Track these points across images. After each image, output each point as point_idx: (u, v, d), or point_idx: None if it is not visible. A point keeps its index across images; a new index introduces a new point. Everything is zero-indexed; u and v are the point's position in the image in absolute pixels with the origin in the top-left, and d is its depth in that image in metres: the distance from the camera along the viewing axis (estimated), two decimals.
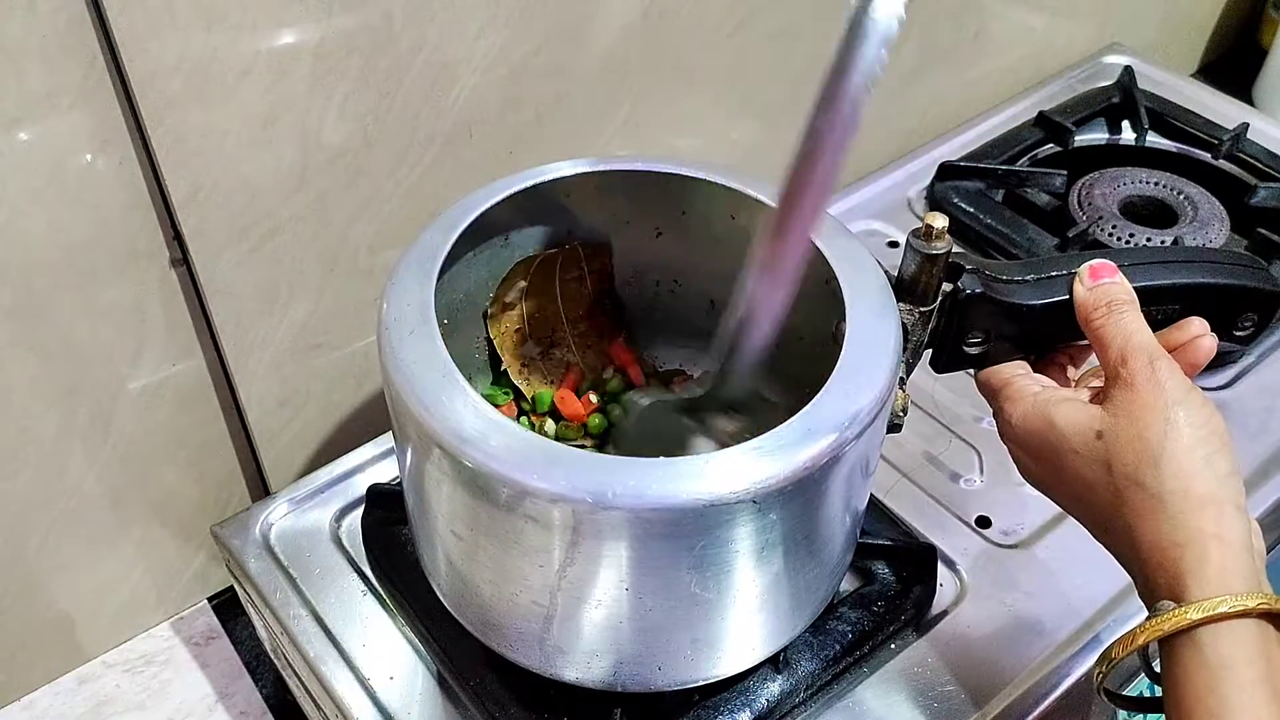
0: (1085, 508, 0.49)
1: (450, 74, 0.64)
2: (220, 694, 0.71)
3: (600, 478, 0.44)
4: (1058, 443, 0.49)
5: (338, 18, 0.58)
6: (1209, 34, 1.24)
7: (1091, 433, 0.47)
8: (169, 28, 0.53)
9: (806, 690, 0.58)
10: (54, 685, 0.71)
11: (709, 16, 0.75)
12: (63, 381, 0.61)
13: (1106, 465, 0.46)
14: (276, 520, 0.67)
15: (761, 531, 0.46)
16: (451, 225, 0.53)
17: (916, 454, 0.72)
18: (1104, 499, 0.47)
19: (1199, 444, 0.45)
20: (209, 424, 0.69)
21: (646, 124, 0.77)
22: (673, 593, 0.48)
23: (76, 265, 0.58)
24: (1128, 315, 0.49)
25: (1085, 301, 0.50)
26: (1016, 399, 0.51)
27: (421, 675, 0.60)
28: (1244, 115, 0.97)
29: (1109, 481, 0.46)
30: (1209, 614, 0.42)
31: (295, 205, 0.63)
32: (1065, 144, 0.95)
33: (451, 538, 0.51)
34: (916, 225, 0.51)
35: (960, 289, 0.52)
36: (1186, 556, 0.43)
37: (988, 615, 0.62)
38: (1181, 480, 0.44)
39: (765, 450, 0.45)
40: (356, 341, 0.71)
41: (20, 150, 0.53)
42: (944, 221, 0.50)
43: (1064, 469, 0.49)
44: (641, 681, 0.53)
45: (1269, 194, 0.89)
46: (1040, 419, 0.50)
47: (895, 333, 0.50)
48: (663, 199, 0.59)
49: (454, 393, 0.46)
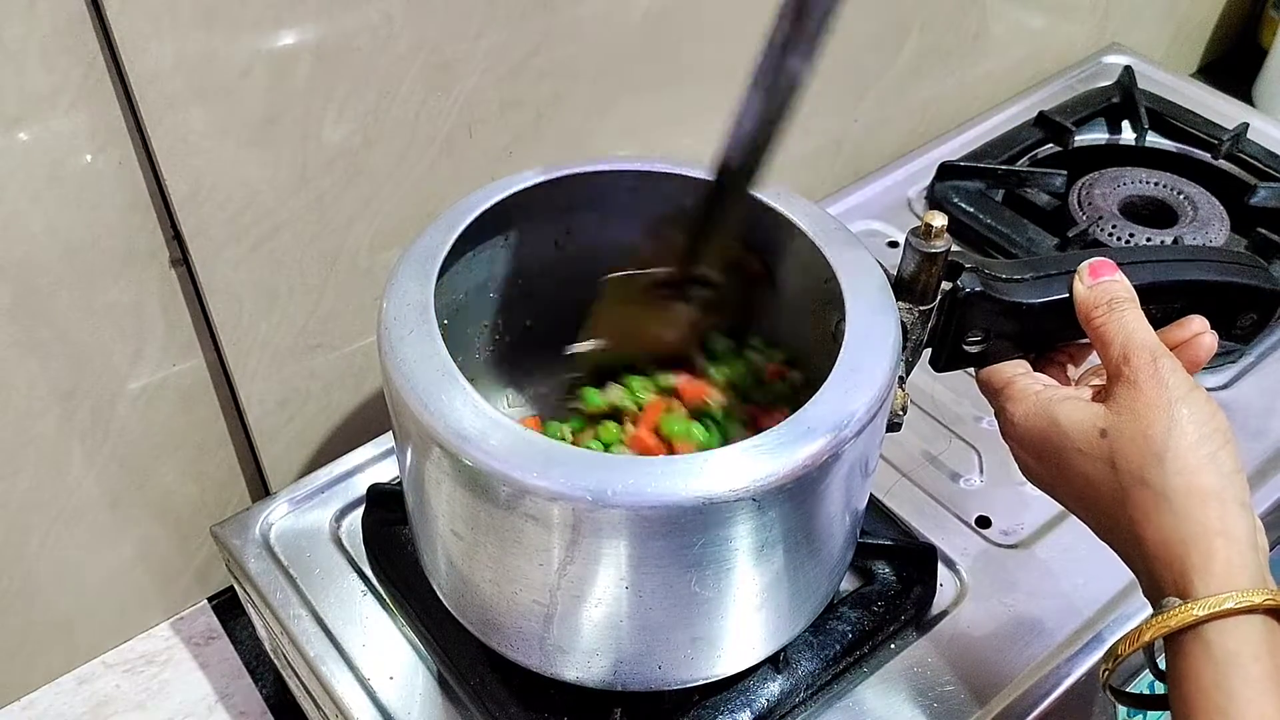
0: (1089, 506, 0.49)
1: (450, 74, 0.64)
2: (220, 694, 0.71)
3: (600, 476, 0.44)
4: (1061, 441, 0.48)
5: (338, 18, 0.58)
6: (1209, 34, 1.24)
7: (1095, 430, 0.47)
8: (169, 27, 0.53)
9: (807, 690, 0.58)
10: (54, 685, 0.71)
11: (709, 16, 0.75)
12: (62, 381, 0.61)
13: (1110, 463, 0.46)
14: (276, 520, 0.67)
15: (761, 530, 0.46)
16: (451, 225, 0.53)
17: (916, 454, 0.72)
18: (1108, 497, 0.47)
19: (1203, 441, 0.45)
20: (209, 424, 0.69)
21: (646, 124, 0.77)
22: (672, 591, 0.48)
23: (76, 265, 0.58)
24: (1128, 313, 0.49)
25: (1085, 299, 0.50)
26: (1018, 398, 0.51)
27: (421, 675, 0.60)
28: (1244, 115, 0.97)
29: (1113, 479, 0.46)
30: (1215, 610, 0.42)
31: (295, 205, 0.63)
32: (1065, 144, 0.95)
33: (451, 537, 0.51)
34: (916, 225, 0.51)
35: (959, 288, 0.52)
36: (1192, 553, 0.43)
37: (988, 615, 0.62)
38: (1186, 477, 0.44)
39: (765, 448, 0.45)
40: (356, 341, 0.71)
41: (20, 150, 0.53)
42: (943, 220, 0.50)
43: (1067, 467, 0.49)
44: (642, 681, 0.53)
45: (1269, 194, 0.89)
46: (1043, 417, 0.50)
47: (895, 331, 0.50)
48: (663, 199, 0.59)
49: (453, 392, 0.46)
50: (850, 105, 0.91)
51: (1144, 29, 1.13)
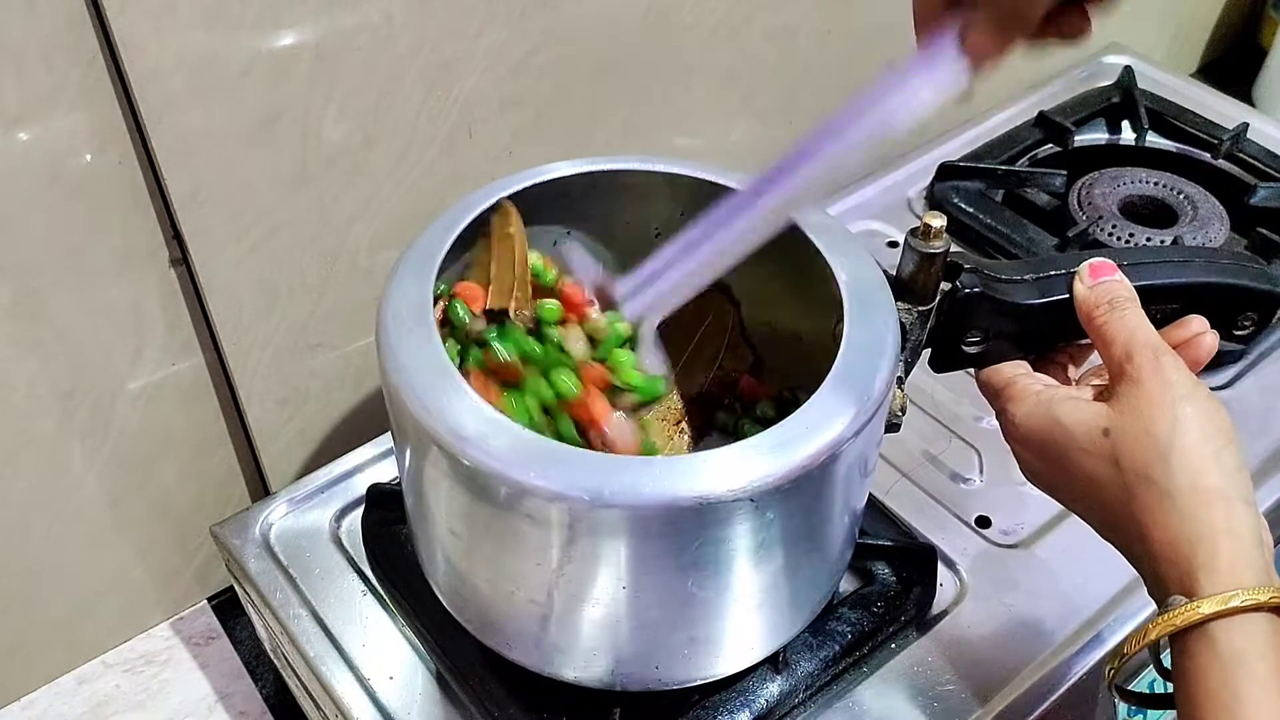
0: (1093, 506, 0.49)
1: (450, 74, 0.64)
2: (220, 694, 0.71)
3: (598, 476, 0.44)
4: (1064, 441, 0.48)
5: (338, 18, 0.58)
6: (1209, 34, 1.24)
7: (1098, 430, 0.47)
8: (169, 27, 0.53)
9: (806, 690, 0.58)
10: (54, 685, 0.71)
11: (709, 16, 0.75)
12: (62, 381, 0.61)
13: (1114, 462, 0.46)
14: (276, 520, 0.67)
15: (759, 530, 0.46)
16: (451, 225, 0.53)
17: (916, 454, 0.72)
18: (1112, 496, 0.47)
19: (1207, 439, 0.45)
20: (209, 423, 0.69)
21: (646, 124, 0.77)
22: (670, 591, 0.48)
23: (76, 265, 0.58)
24: (1129, 312, 0.49)
25: (1086, 299, 0.50)
26: (1019, 398, 0.51)
27: (421, 675, 0.60)
28: (1244, 115, 0.97)
29: (1117, 478, 0.46)
30: (1221, 608, 0.41)
31: (295, 205, 0.63)
32: (1065, 144, 0.95)
33: (450, 537, 0.51)
34: (916, 225, 0.51)
35: (959, 288, 0.52)
36: (1198, 551, 0.43)
37: (988, 615, 0.62)
38: (1190, 475, 0.44)
39: (763, 449, 0.45)
40: (356, 341, 0.72)
41: (20, 150, 0.53)
42: (942, 220, 0.50)
43: (1070, 468, 0.48)
44: (640, 681, 0.53)
45: (1269, 194, 0.89)
46: (1045, 417, 0.49)
47: (894, 332, 0.50)
48: (662, 199, 0.59)
49: (452, 392, 0.46)
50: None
51: (1144, 29, 1.13)
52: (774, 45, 0.81)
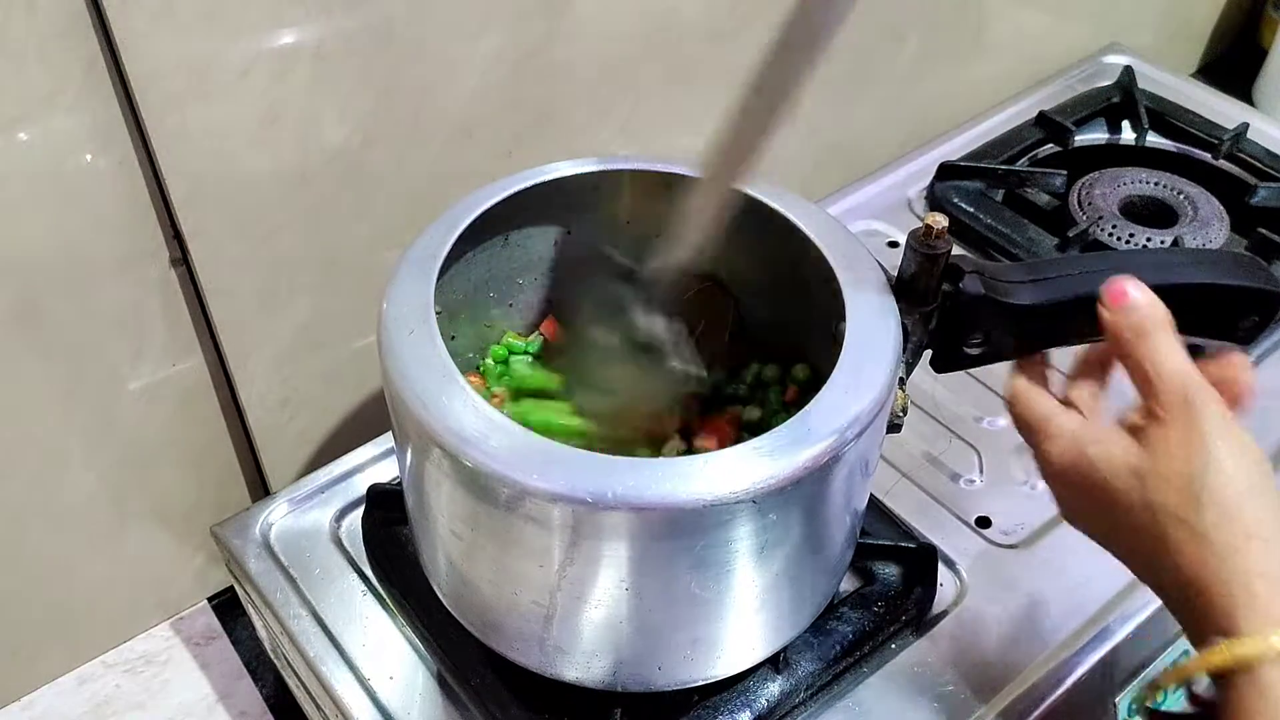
0: (1127, 546, 0.48)
1: (450, 74, 0.64)
2: (220, 694, 0.71)
3: (600, 478, 0.44)
4: (1097, 480, 0.47)
5: (338, 18, 0.58)
6: (1209, 34, 1.24)
7: (1129, 470, 0.46)
8: (169, 27, 0.53)
9: (807, 690, 0.58)
10: (54, 685, 0.71)
11: (709, 16, 0.75)
12: (63, 382, 0.61)
13: (1146, 503, 0.45)
14: (276, 520, 0.67)
15: (761, 531, 0.46)
16: (451, 225, 0.53)
17: (916, 454, 0.72)
18: (1146, 537, 0.46)
19: (1239, 477, 0.44)
20: (209, 424, 0.69)
21: (646, 124, 0.77)
22: (672, 592, 0.48)
23: (76, 265, 0.58)
24: (1157, 341, 0.47)
25: (1110, 328, 0.48)
26: (1054, 436, 0.50)
27: (421, 675, 0.60)
28: (1244, 115, 0.97)
29: (1150, 519, 0.45)
30: (1262, 649, 0.41)
31: (295, 205, 0.63)
32: (1065, 144, 0.95)
33: (451, 538, 0.51)
34: (916, 225, 0.51)
35: (960, 290, 0.52)
36: (1235, 593, 0.42)
37: (988, 615, 0.62)
38: (1223, 515, 0.43)
39: (765, 450, 0.45)
40: (356, 341, 0.71)
41: (20, 150, 0.53)
42: (944, 222, 0.50)
43: (1104, 507, 0.47)
44: (641, 681, 0.53)
45: (1269, 194, 0.89)
46: (1078, 456, 0.48)
47: (895, 333, 0.50)
48: (662, 199, 0.59)
49: (454, 393, 0.46)
50: (850, 105, 0.91)
51: (1144, 29, 1.13)
52: None
